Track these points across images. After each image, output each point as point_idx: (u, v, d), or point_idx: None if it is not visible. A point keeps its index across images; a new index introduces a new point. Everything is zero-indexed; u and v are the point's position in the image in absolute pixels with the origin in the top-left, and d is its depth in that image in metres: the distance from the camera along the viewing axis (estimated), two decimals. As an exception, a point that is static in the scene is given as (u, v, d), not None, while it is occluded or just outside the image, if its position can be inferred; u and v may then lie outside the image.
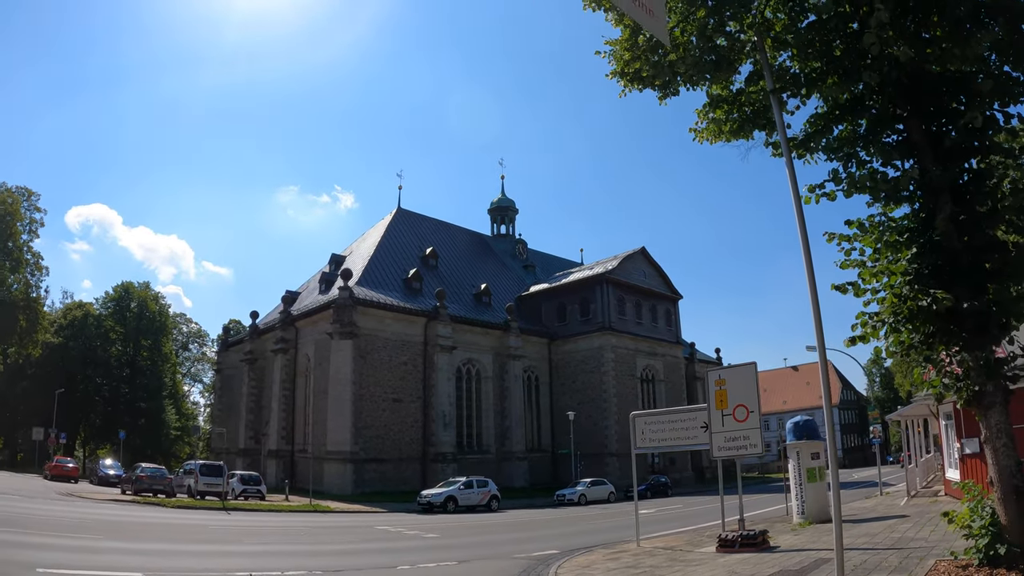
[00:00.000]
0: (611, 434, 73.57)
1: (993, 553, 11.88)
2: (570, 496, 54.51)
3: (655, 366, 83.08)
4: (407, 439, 63.92)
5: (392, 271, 71.39)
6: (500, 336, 73.57)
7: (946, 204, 12.34)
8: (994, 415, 12.24)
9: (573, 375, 77.77)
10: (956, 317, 12.04)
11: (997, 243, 12.56)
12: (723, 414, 19.82)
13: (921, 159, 12.79)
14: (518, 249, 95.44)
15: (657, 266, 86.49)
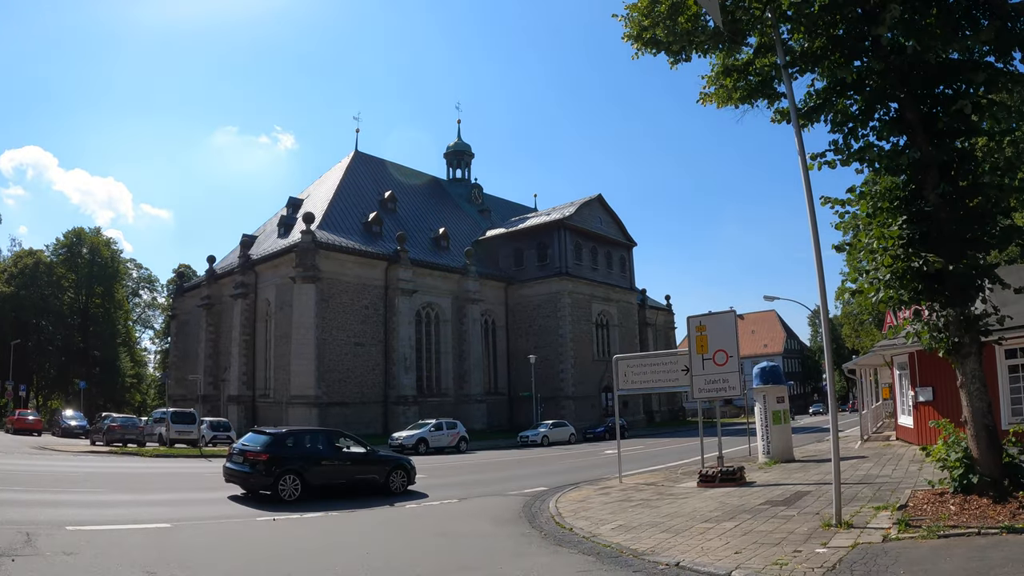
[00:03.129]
0: (567, 377, 74.99)
1: (967, 482, 13.90)
2: (533, 437, 55.72)
3: (610, 311, 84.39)
4: (369, 382, 64.49)
5: (352, 215, 71.23)
6: (459, 280, 74.08)
7: (934, 178, 14.02)
8: (970, 363, 14.16)
9: (530, 319, 78.70)
10: (941, 277, 13.74)
11: (977, 215, 14.32)
12: (703, 358, 21.37)
13: (912, 136, 14.44)
14: (474, 194, 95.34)
15: (613, 213, 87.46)
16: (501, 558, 12.42)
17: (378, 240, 69.51)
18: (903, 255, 14.07)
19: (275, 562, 11.92)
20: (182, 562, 11.40)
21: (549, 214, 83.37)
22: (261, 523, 16.26)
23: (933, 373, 25.48)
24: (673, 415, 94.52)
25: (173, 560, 11.53)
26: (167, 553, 12.16)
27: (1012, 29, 13.51)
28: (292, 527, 15.96)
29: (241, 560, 11.99)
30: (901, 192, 14.69)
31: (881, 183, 15.07)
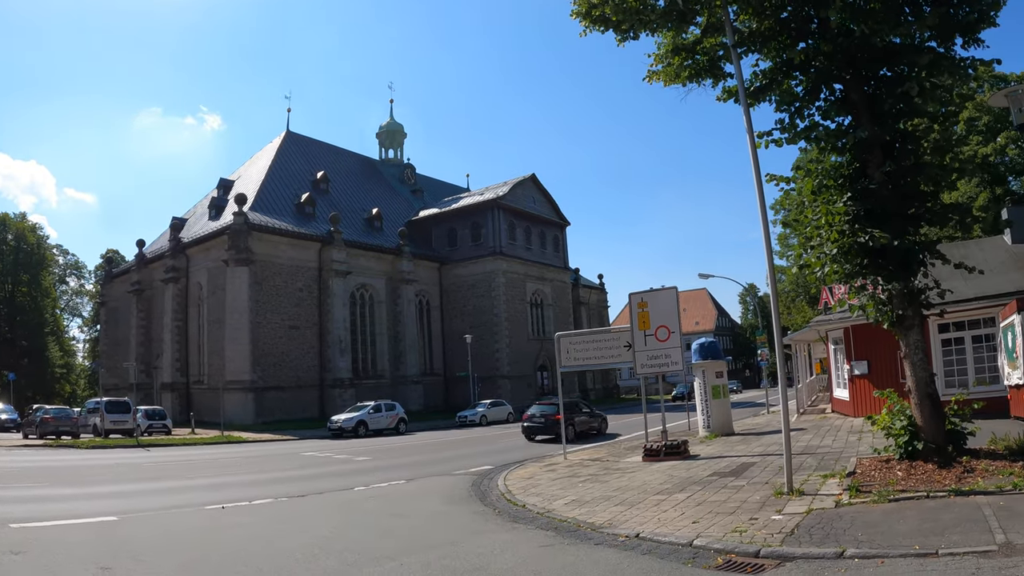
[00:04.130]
0: (503, 357, 75.30)
1: (912, 448, 14.54)
2: (471, 417, 55.82)
3: (544, 291, 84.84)
4: (305, 366, 63.99)
5: (284, 196, 70.47)
6: (393, 261, 73.76)
7: (879, 158, 14.45)
8: (912, 335, 14.72)
9: (464, 299, 78.72)
10: (884, 253, 14.17)
11: (918, 193, 14.82)
12: (646, 334, 21.87)
13: (857, 116, 14.87)
14: (406, 174, 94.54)
15: (546, 193, 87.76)
16: (460, 536, 12.53)
17: (311, 221, 68.84)
18: (848, 231, 14.51)
19: (230, 550, 11.82)
20: (135, 555, 11.20)
21: (483, 194, 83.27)
22: (210, 511, 16.01)
23: (868, 347, 26.21)
24: (608, 392, 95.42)
25: (125, 554, 11.33)
26: (118, 547, 11.95)
27: (955, 16, 13.98)
28: (242, 514, 15.80)
29: (195, 550, 11.81)
30: (846, 170, 15.15)
31: (826, 161, 15.48)
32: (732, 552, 9.82)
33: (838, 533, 10.12)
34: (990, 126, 60.56)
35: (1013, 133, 60.67)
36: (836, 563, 8.91)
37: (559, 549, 11.03)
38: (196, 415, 53.99)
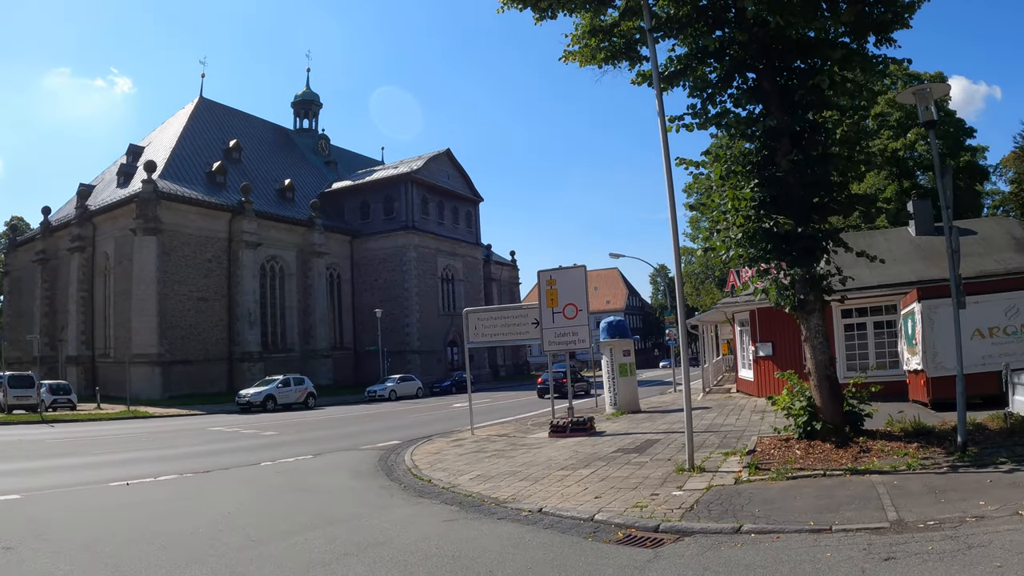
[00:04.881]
0: (413, 332, 75.39)
1: (811, 428, 15.02)
2: (381, 392, 55.86)
3: (455, 266, 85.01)
4: (213, 339, 63.19)
5: (195, 164, 68.92)
6: (304, 233, 73.15)
7: (786, 147, 14.74)
8: (813, 319, 15.12)
9: (375, 273, 78.43)
10: (789, 239, 14.47)
11: (825, 183, 15.18)
12: (554, 312, 22.06)
13: (768, 106, 15.15)
14: (320, 145, 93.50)
15: (461, 168, 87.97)
16: (366, 511, 12.54)
17: (222, 191, 67.67)
18: (754, 216, 14.77)
19: (135, 527, 11.58)
20: (38, 534, 10.92)
21: (397, 167, 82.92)
22: (116, 488, 15.65)
23: (773, 330, 26.76)
24: (518, 369, 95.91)
25: (29, 532, 11.04)
26: (21, 525, 11.66)
27: (870, 14, 14.32)
28: (148, 490, 15.50)
29: (100, 528, 11.55)
30: (755, 157, 15.43)
31: (736, 148, 15.70)
32: (632, 527, 10.01)
33: (736, 509, 10.40)
34: (901, 122, 62.54)
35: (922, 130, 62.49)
36: (733, 538, 9.16)
37: (462, 524, 11.11)
38: (102, 390, 52.58)
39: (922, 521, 9.10)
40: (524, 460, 17.15)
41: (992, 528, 8.61)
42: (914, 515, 9.39)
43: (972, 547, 7.94)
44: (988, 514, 9.20)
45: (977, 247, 30.10)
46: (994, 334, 20.28)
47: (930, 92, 14.01)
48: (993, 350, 19.98)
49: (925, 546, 8.12)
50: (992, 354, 19.85)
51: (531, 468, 15.79)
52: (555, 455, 17.57)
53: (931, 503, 9.98)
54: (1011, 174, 75.52)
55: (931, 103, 13.89)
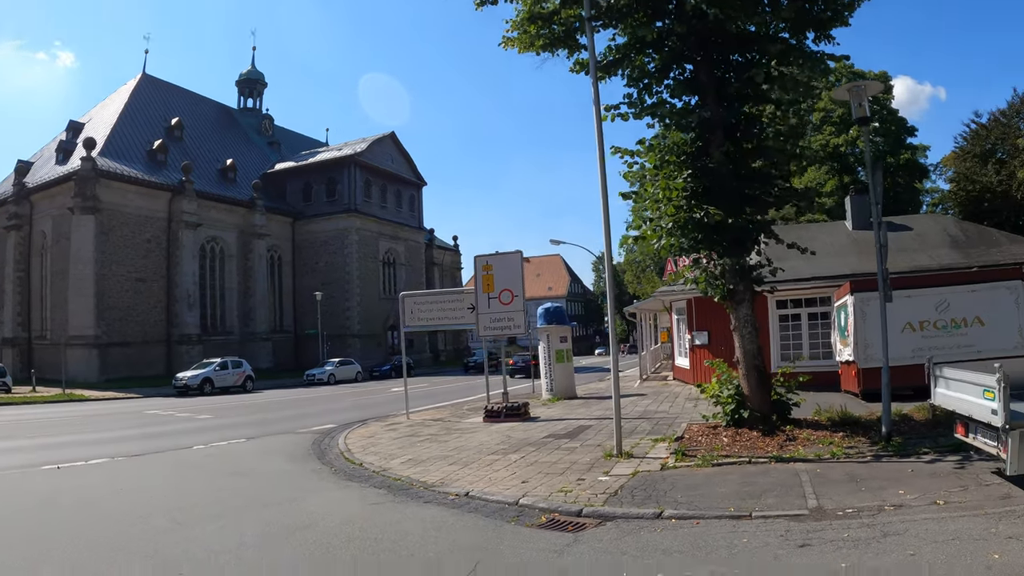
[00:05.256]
0: (353, 315, 74.89)
1: (738, 416, 15.27)
2: (319, 376, 55.66)
3: (397, 250, 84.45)
4: (152, 321, 61.91)
5: (137, 141, 66.88)
6: (245, 214, 71.92)
7: (720, 138, 14.86)
8: (743, 309, 15.33)
9: (317, 256, 77.65)
10: (720, 229, 14.60)
11: (758, 175, 15.33)
12: (489, 297, 22.04)
13: (704, 97, 15.26)
14: (264, 125, 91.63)
15: (405, 152, 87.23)
16: (296, 494, 12.49)
17: (163, 170, 66.07)
18: (686, 206, 14.90)
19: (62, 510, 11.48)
20: (-40, 520, 10.82)
21: (340, 149, 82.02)
22: (45, 472, 15.42)
23: (709, 318, 27.04)
24: (459, 354, 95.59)
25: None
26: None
27: (810, 11, 14.50)
28: (79, 474, 15.25)
29: (27, 512, 11.35)
30: (689, 148, 15.58)
31: (671, 138, 15.82)
32: (556, 511, 10.10)
33: (659, 495, 10.54)
34: (844, 119, 63.41)
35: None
36: (654, 523, 9.28)
37: (388, 507, 11.14)
38: (38, 372, 51.28)
39: (841, 509, 9.27)
40: (456, 445, 17.21)
41: (909, 517, 8.79)
42: (834, 503, 9.57)
43: (888, 535, 8.11)
44: (907, 503, 9.41)
45: (912, 243, 30.65)
46: (924, 328, 20.72)
47: (864, 89, 14.30)
48: (924, 343, 20.36)
49: (841, 533, 8.28)
50: (923, 347, 20.20)
51: (462, 453, 15.85)
52: (487, 440, 17.64)
53: (852, 491, 10.18)
54: (951, 173, 76.94)
55: (865, 100, 14.16)
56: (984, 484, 10.02)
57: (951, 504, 9.21)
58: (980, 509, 8.87)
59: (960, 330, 20.70)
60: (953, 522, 8.45)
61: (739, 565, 7.49)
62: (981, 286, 21.19)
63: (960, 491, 9.78)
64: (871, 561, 7.27)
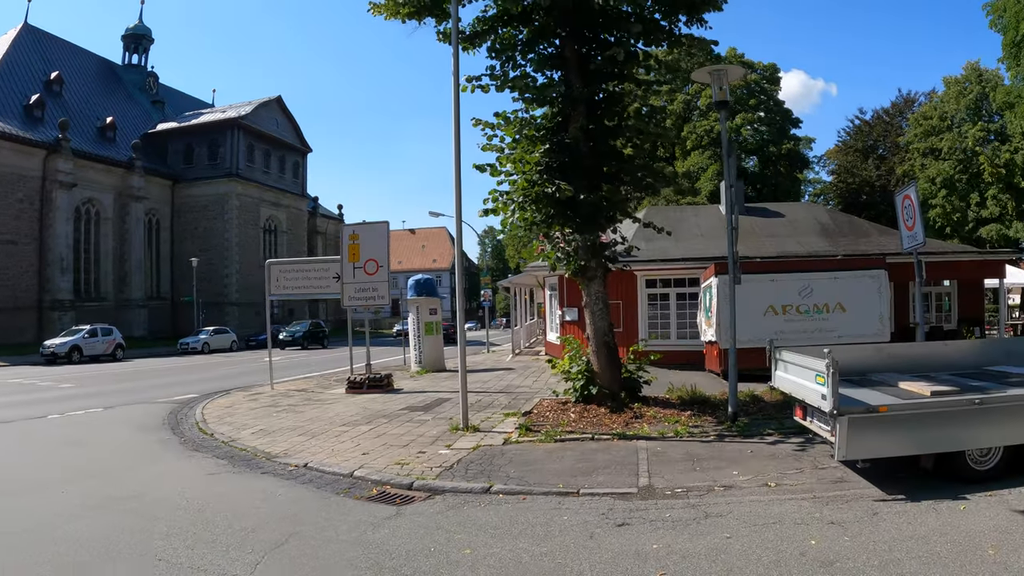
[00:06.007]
0: (232, 283, 73.34)
1: (587, 393, 15.36)
2: (193, 344, 54.38)
3: (279, 217, 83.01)
4: (23, 286, 59.15)
5: (13, 95, 63.37)
6: (124, 175, 69.21)
7: (581, 114, 14.80)
8: (594, 286, 15.39)
9: (196, 221, 75.58)
10: (573, 205, 14.56)
11: (616, 153, 15.34)
12: (355, 267, 21.82)
13: (568, 73, 15.19)
14: (149, 83, 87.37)
15: (291, 117, 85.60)
16: (135, 465, 12.24)
17: (39, 126, 62.79)
18: (539, 180, 14.80)
19: None
20: None
21: (224, 111, 79.89)
22: None
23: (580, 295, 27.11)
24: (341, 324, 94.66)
25: None
26: None
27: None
28: None
29: None
30: (548, 123, 15.50)
31: (531, 112, 15.72)
32: (388, 484, 10.04)
33: (494, 469, 10.53)
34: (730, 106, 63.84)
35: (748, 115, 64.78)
36: (480, 497, 9.26)
37: (223, 478, 11.02)
38: None
39: (670, 488, 9.35)
40: (312, 415, 17.06)
41: (736, 498, 8.90)
42: (665, 482, 9.64)
43: (709, 516, 8.18)
44: (737, 484, 9.52)
45: (784, 229, 31.30)
46: (787, 311, 21.15)
47: (725, 74, 14.30)
48: (786, 326, 20.79)
49: (664, 513, 8.33)
50: (785, 330, 20.63)
51: (315, 423, 15.72)
52: (344, 411, 17.54)
53: (687, 470, 10.28)
54: (833, 165, 79.84)
55: (725, 84, 14.21)
56: (819, 467, 10.20)
57: (782, 487, 9.34)
58: (810, 493, 9.01)
59: (822, 315, 21.16)
60: (779, 505, 8.57)
61: (551, 543, 7.45)
62: (845, 273, 21.69)
63: (795, 473, 9.94)
64: (684, 544, 7.29)
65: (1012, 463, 9.31)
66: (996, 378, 10.80)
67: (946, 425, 8.92)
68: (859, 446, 8.79)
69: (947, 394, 9.36)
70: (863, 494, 8.87)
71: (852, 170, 75.54)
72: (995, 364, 12.06)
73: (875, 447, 8.92)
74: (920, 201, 19.72)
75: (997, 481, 9.06)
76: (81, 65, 77.34)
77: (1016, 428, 9.11)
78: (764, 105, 68.22)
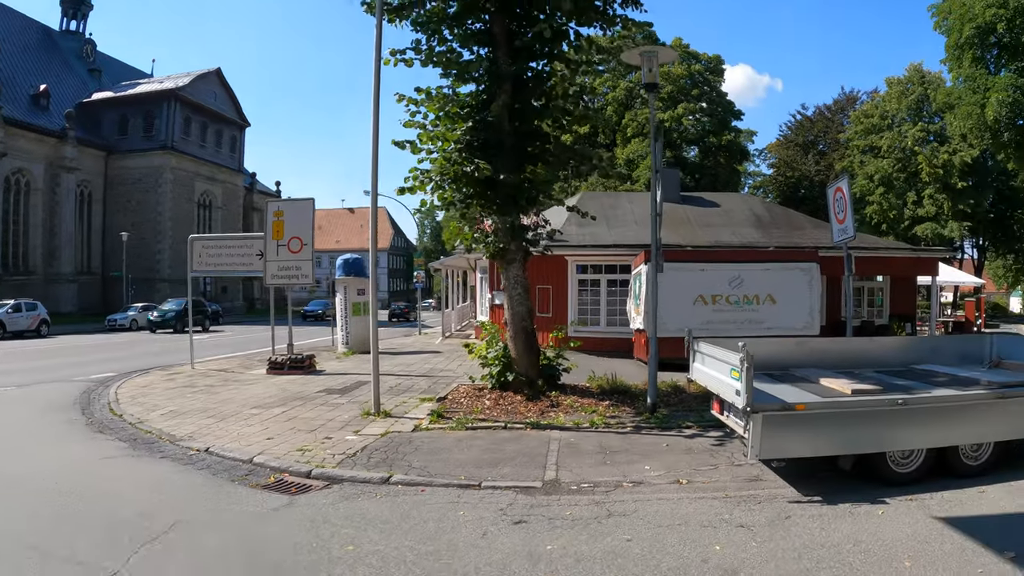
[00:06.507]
0: (164, 258, 71.68)
1: (504, 379, 15.01)
2: (121, 321, 52.83)
3: (214, 192, 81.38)
4: None
5: None
6: (56, 145, 66.97)
7: (506, 93, 14.37)
8: (513, 269, 15.05)
9: (129, 193, 73.43)
10: (493, 185, 14.19)
11: (541, 134, 14.98)
12: (279, 244, 21.25)
13: (495, 50, 14.76)
14: (86, 50, 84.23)
15: (230, 90, 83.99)
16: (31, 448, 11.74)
17: None
18: (458, 159, 14.40)
19: None
20: None
21: (162, 82, 77.85)
22: None
23: (503, 278, 27.09)
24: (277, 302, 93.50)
25: None
26: None
27: None
28: None
29: None
30: (473, 100, 15.06)
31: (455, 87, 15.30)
32: (287, 471, 9.68)
33: (398, 458, 10.18)
34: (672, 96, 64.83)
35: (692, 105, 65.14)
36: (378, 488, 8.92)
37: (120, 462, 10.62)
38: None
39: (577, 483, 9.05)
40: (226, 396, 16.59)
41: (644, 496, 8.60)
42: (573, 475, 9.35)
43: (613, 515, 7.87)
44: (648, 480, 9.24)
45: (718, 219, 31.31)
46: (717, 301, 21.11)
47: (656, 56, 13.99)
48: (715, 316, 20.81)
49: (565, 510, 8.02)
50: (714, 320, 20.66)
51: (228, 405, 15.27)
52: (260, 392, 17.11)
53: (597, 464, 10.00)
54: (774, 159, 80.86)
55: (655, 66, 13.87)
56: (735, 464, 9.95)
57: (693, 484, 9.07)
58: (722, 492, 8.73)
59: (752, 306, 21.15)
60: (688, 504, 8.28)
61: (440, 541, 7.09)
62: (776, 265, 21.69)
63: (709, 470, 9.68)
64: (581, 546, 6.95)
65: (935, 465, 9.08)
66: (922, 377, 10.62)
67: (867, 425, 8.62)
68: (774, 445, 8.45)
69: (869, 392, 9.12)
70: (777, 494, 8.59)
71: (792, 164, 76.65)
72: (922, 362, 11.91)
73: (791, 447, 8.58)
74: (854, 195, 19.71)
75: (919, 484, 8.80)
76: (15, 29, 74.33)
77: (940, 430, 8.87)
78: (707, 96, 68.54)
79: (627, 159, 63.88)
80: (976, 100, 39.08)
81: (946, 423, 8.86)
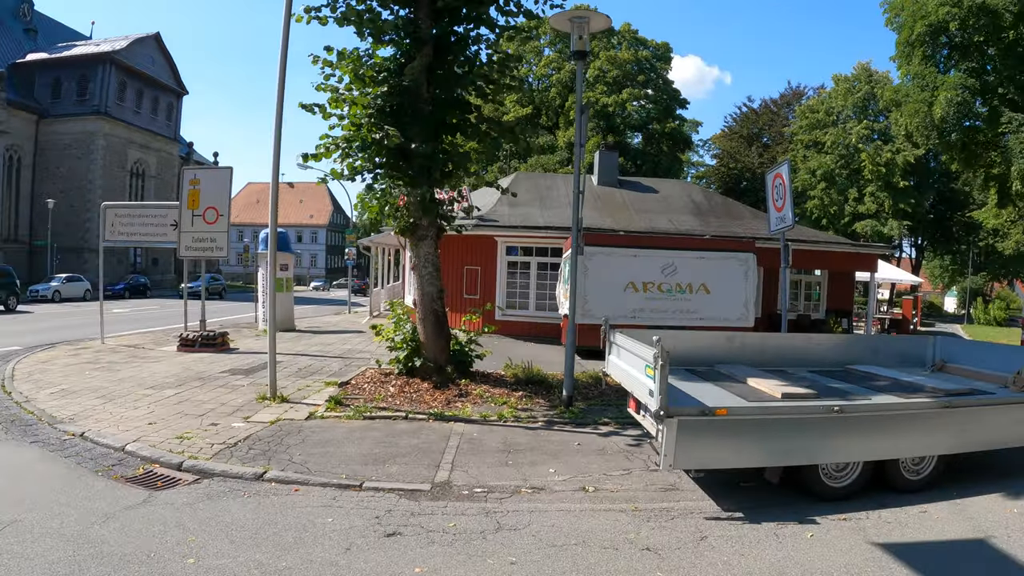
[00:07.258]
0: (93, 228, 69.03)
1: (411, 365, 14.15)
2: (44, 292, 51.20)
3: (148, 160, 78.85)
4: None
5: None
6: None
7: (426, 56, 13.43)
8: (424, 247, 14.23)
9: (59, 160, 70.90)
10: (406, 155, 13.30)
11: (462, 102, 14.07)
12: (194, 214, 20.02)
13: (417, 10, 13.77)
14: (23, 9, 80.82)
15: (169, 56, 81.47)
16: None
17: None
18: (367, 125, 13.46)
19: None
20: None
21: (99, 45, 75.30)
22: None
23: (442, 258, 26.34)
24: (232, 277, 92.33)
25: None
26: None
27: None
28: None
29: None
30: (391, 64, 14.06)
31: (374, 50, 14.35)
32: (158, 462, 8.85)
33: (280, 451, 9.40)
34: (617, 80, 64.61)
35: (635, 90, 64.87)
36: (248, 485, 8.13)
37: None
38: None
39: (470, 487, 8.29)
40: (126, 375, 15.59)
41: (543, 505, 7.82)
42: (468, 477, 8.61)
43: (502, 529, 7.06)
44: (551, 485, 8.48)
45: (656, 205, 30.82)
46: (648, 289, 20.61)
47: (587, 22, 13.13)
48: (646, 304, 20.36)
49: (449, 521, 7.20)
50: (644, 308, 20.20)
51: (123, 384, 14.29)
52: (162, 371, 16.18)
53: (498, 464, 9.26)
54: (718, 150, 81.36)
55: (586, 34, 13.00)
56: (651, 469, 9.22)
57: (601, 492, 8.29)
58: (632, 503, 7.93)
59: (685, 296, 20.71)
60: (591, 518, 7.46)
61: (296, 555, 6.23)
62: (711, 254, 21.27)
63: (621, 475, 8.94)
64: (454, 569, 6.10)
65: (872, 479, 8.28)
66: (861, 380, 9.85)
67: (798, 434, 7.72)
68: (689, 455, 7.49)
69: (802, 397, 8.20)
70: (694, 508, 7.78)
71: (735, 156, 76.96)
72: (861, 363, 11.17)
73: (709, 457, 7.67)
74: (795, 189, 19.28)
75: (854, 500, 8.03)
76: (-56, -17, 72.11)
77: (880, 441, 8.01)
78: (653, 83, 68.47)
79: (568, 141, 63.42)
80: (924, 98, 39.03)
81: (888, 434, 8.03)
